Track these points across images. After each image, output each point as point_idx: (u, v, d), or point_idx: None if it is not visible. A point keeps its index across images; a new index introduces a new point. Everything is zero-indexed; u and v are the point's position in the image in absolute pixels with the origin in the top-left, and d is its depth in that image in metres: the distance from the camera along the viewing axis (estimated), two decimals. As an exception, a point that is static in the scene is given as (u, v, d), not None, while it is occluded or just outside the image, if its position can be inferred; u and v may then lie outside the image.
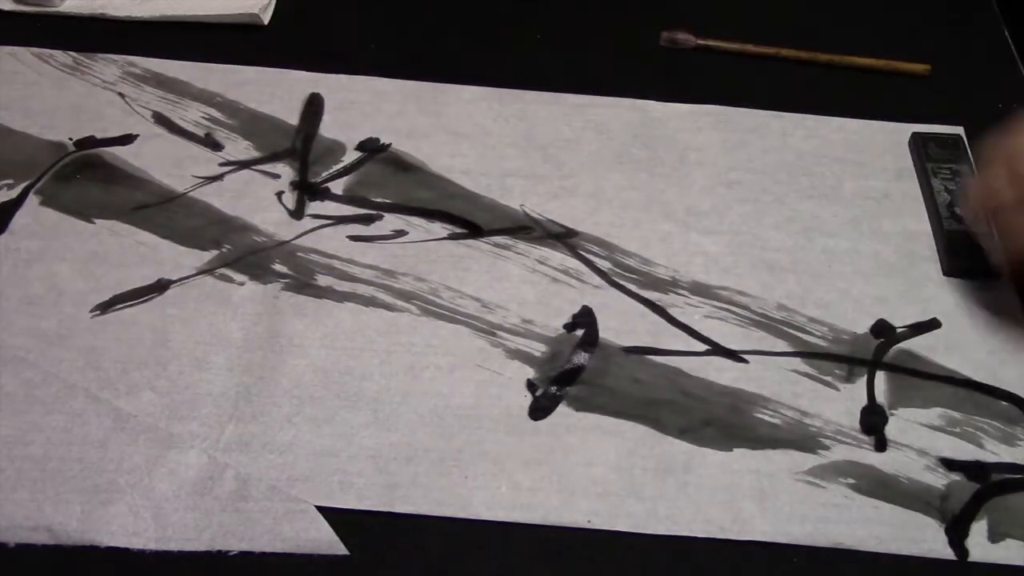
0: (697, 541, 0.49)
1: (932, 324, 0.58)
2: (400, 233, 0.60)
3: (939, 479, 0.52)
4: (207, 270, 0.57)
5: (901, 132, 0.68)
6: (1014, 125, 0.55)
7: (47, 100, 0.64)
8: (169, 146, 0.63)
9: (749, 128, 0.67)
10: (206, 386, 0.52)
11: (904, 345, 0.57)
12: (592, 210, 0.62)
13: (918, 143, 0.66)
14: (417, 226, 0.60)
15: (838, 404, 0.54)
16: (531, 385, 0.54)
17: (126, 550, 0.47)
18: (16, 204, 0.59)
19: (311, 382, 0.53)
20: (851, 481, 0.51)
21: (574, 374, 0.54)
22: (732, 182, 0.64)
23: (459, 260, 0.59)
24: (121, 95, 0.65)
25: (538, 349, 0.55)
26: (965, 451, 0.53)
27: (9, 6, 0.70)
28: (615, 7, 0.76)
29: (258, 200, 0.60)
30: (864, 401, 0.54)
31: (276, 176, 0.62)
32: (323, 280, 0.57)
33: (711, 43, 0.73)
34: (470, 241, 0.60)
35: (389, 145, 0.64)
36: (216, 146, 0.63)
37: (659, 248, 0.60)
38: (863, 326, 0.57)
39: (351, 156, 0.64)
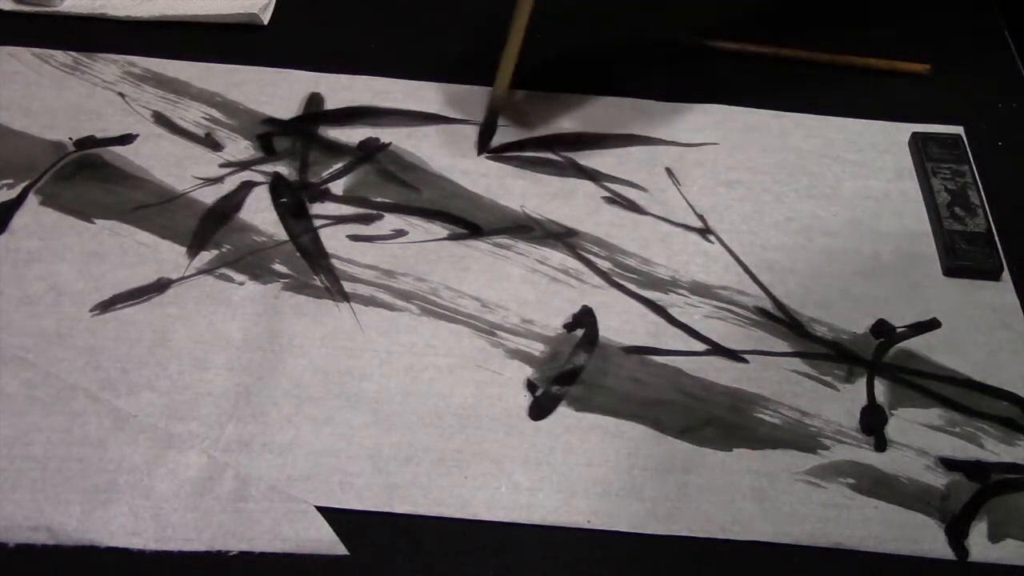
0: (697, 541, 0.49)
1: (932, 324, 0.58)
2: (400, 233, 0.60)
3: (939, 479, 0.51)
4: (207, 270, 0.57)
5: (901, 132, 0.68)
6: None
7: (47, 100, 0.64)
8: (169, 146, 0.63)
9: (749, 128, 0.67)
10: (206, 386, 0.52)
11: (904, 345, 0.57)
12: (592, 210, 0.62)
13: (918, 143, 0.66)
14: (417, 226, 0.60)
15: (838, 404, 0.54)
16: (531, 385, 0.54)
17: (126, 550, 0.47)
18: (16, 204, 0.59)
19: (311, 382, 0.53)
20: (851, 481, 0.51)
21: (574, 374, 0.54)
22: (732, 182, 0.64)
23: (459, 260, 0.59)
24: (121, 95, 0.65)
25: (538, 349, 0.55)
26: (965, 451, 0.53)
27: (9, 6, 0.70)
28: (616, 7, 0.76)
29: (258, 200, 0.60)
30: (864, 401, 0.54)
31: (276, 176, 0.62)
32: (323, 280, 0.57)
33: (711, 43, 0.73)
34: (470, 241, 0.60)
35: (389, 145, 0.64)
36: (216, 146, 0.63)
37: (659, 248, 0.60)
38: (863, 326, 0.57)
39: (351, 156, 0.64)
